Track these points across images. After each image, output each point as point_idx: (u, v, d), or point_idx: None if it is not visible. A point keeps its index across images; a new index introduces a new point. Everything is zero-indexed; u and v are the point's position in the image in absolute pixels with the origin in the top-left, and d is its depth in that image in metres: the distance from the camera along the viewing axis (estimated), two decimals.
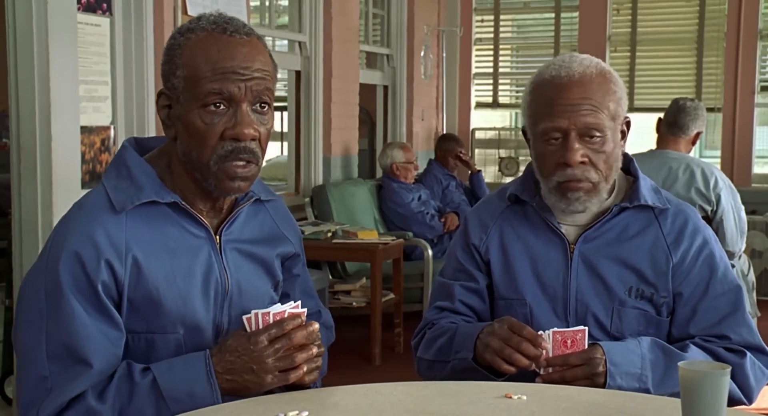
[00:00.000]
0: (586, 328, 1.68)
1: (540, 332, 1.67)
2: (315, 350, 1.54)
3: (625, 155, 1.90)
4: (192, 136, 1.54)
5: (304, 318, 1.55)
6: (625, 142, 1.84)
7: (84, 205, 1.58)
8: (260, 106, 1.56)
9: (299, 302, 1.57)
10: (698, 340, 1.78)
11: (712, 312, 1.80)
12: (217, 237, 1.63)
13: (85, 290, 1.49)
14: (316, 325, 1.54)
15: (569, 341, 1.65)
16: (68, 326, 1.48)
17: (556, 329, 1.66)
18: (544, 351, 1.65)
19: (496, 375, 1.71)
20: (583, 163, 1.75)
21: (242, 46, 1.54)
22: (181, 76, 1.54)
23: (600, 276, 1.82)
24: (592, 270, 1.82)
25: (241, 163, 1.54)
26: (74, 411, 1.47)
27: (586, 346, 1.67)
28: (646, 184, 1.87)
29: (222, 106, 1.53)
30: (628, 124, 1.83)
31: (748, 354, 1.77)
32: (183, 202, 1.58)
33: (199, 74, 1.52)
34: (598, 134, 1.75)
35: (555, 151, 1.76)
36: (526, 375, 1.68)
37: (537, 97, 1.79)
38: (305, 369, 1.52)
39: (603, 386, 1.65)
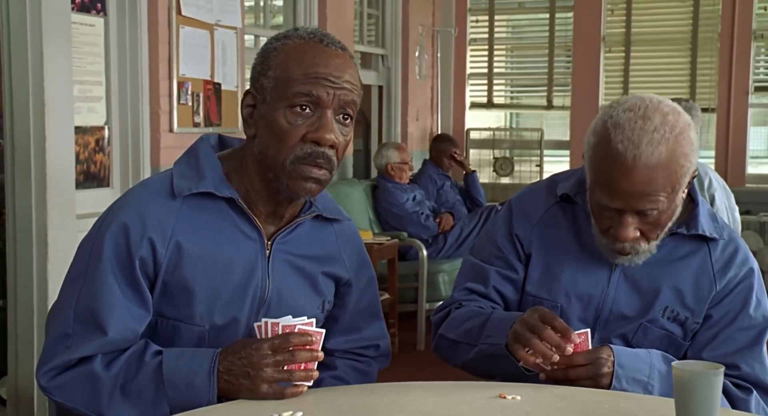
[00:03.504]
0: (589, 330, 1.66)
1: None
2: (316, 375, 1.54)
3: None
4: (273, 134, 1.57)
5: (319, 339, 1.53)
6: (688, 188, 1.75)
7: (147, 184, 1.66)
8: (343, 117, 1.59)
9: (313, 320, 1.56)
10: None
11: (731, 343, 1.78)
12: (269, 243, 1.64)
13: (123, 261, 1.55)
14: (321, 355, 1.53)
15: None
16: (98, 292, 1.54)
17: None
18: (570, 347, 1.60)
19: (527, 365, 1.67)
20: (635, 237, 1.70)
21: (336, 57, 1.59)
22: (272, 76, 1.58)
23: (640, 292, 1.79)
24: (633, 285, 1.80)
25: (317, 167, 1.57)
26: (78, 370, 1.54)
27: (590, 347, 1.65)
28: (704, 210, 1.83)
29: (308, 109, 1.56)
30: (694, 176, 1.73)
31: (755, 392, 1.76)
32: (239, 200, 1.61)
33: (290, 75, 1.56)
34: (655, 212, 1.67)
35: (608, 217, 1.70)
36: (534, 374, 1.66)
37: (598, 161, 1.68)
38: (304, 389, 1.53)
39: (607, 388, 1.63)
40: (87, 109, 3.73)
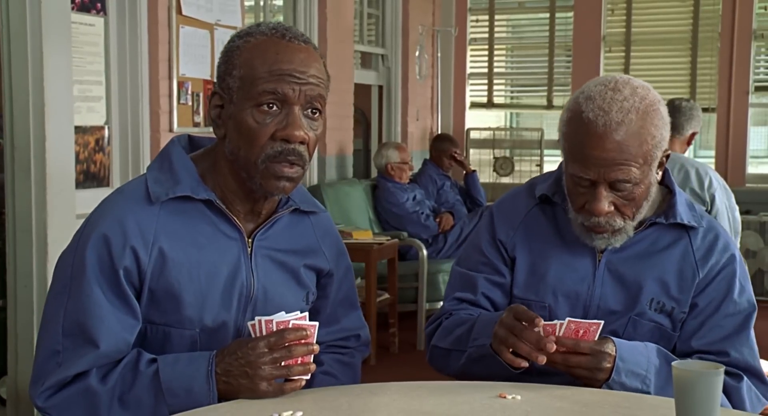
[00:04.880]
0: (602, 322, 1.65)
1: (555, 321, 1.63)
2: (313, 367, 1.54)
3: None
4: (242, 134, 1.56)
5: (313, 332, 1.54)
6: (662, 170, 1.79)
7: (123, 192, 1.63)
8: (312, 111, 1.59)
9: (306, 314, 1.57)
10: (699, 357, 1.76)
11: (718, 330, 1.78)
12: (250, 240, 1.64)
13: (107, 273, 1.54)
14: (317, 348, 1.54)
15: (581, 331, 1.63)
16: (84, 305, 1.53)
17: (571, 318, 1.64)
18: (546, 340, 1.59)
19: (513, 366, 1.67)
20: (609, 211, 1.71)
21: (300, 51, 1.58)
22: (237, 76, 1.56)
23: (625, 286, 1.80)
24: (618, 280, 1.81)
25: (288, 165, 1.57)
26: (74, 387, 1.52)
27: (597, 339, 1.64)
28: (681, 199, 1.84)
29: (275, 107, 1.55)
30: (667, 156, 1.77)
31: (745, 378, 1.76)
32: (217, 201, 1.60)
33: (255, 74, 1.55)
34: (628, 185, 1.69)
35: (583, 193, 1.72)
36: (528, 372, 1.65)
37: (571, 134, 1.72)
38: (302, 383, 1.53)
39: (601, 383, 1.64)
40: (87, 109, 3.73)
